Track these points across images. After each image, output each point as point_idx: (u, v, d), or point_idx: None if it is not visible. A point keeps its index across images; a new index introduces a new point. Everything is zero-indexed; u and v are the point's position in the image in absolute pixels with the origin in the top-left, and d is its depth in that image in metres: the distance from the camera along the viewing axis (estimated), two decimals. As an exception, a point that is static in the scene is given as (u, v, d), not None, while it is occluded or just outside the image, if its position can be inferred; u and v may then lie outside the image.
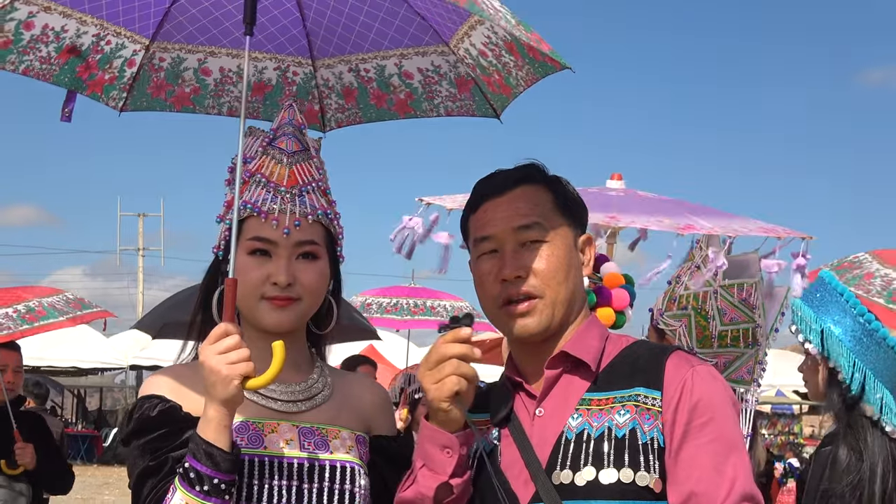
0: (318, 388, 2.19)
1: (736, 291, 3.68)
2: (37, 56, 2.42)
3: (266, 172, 2.14)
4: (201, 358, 1.93)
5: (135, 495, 2.03)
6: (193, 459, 1.90)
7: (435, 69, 2.55)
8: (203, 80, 2.62)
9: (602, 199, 3.60)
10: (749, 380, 3.69)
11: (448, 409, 1.93)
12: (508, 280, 2.02)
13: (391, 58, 2.56)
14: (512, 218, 2.05)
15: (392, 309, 9.85)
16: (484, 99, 2.56)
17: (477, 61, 2.47)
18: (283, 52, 2.60)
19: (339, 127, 2.71)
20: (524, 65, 2.41)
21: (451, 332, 1.94)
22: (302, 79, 2.64)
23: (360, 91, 2.62)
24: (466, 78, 2.54)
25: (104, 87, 2.56)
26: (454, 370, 1.91)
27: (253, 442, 2.05)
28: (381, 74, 2.58)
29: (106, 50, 2.50)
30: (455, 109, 2.61)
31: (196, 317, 2.21)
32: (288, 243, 2.09)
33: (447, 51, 2.50)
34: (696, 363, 2.00)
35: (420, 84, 2.58)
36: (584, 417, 1.98)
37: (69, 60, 2.47)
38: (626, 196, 3.76)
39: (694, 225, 3.25)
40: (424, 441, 2.00)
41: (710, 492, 1.87)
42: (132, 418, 2.08)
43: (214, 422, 1.90)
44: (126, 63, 2.54)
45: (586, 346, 2.04)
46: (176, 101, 2.64)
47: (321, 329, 2.25)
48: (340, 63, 2.60)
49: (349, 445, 2.15)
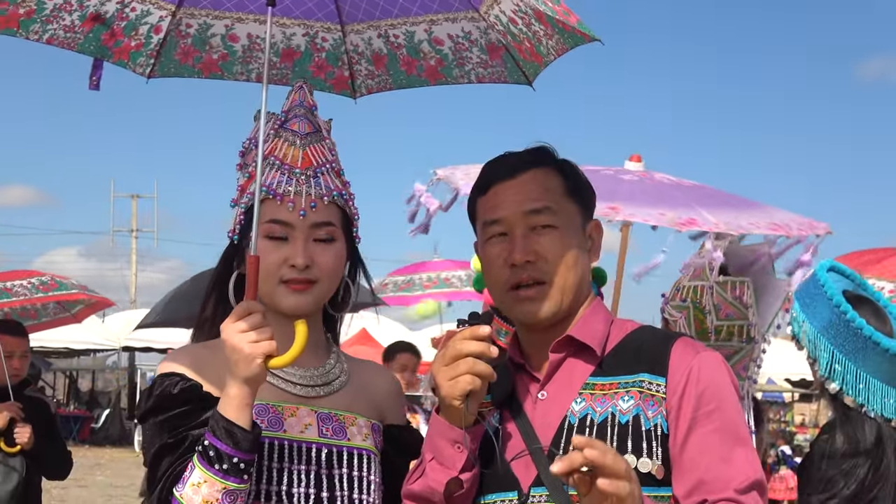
0: (336, 373, 2.18)
1: (729, 288, 3.67)
2: (60, 25, 2.38)
3: (280, 155, 2.12)
4: (223, 336, 1.90)
5: (151, 473, 2.01)
6: (213, 437, 1.88)
7: (465, 35, 2.52)
8: (231, 47, 2.59)
9: (612, 184, 3.47)
10: (745, 376, 3.68)
11: (460, 406, 1.91)
12: (517, 265, 2.00)
13: (421, 24, 2.52)
14: (522, 202, 2.03)
15: (405, 286, 9.65)
16: (516, 66, 2.53)
17: (507, 28, 2.44)
18: (312, 18, 2.56)
19: (370, 93, 2.68)
20: (554, 34, 2.39)
21: (469, 329, 1.92)
22: (331, 45, 2.61)
23: (390, 57, 2.59)
24: (497, 44, 2.51)
25: (131, 53, 2.53)
26: (469, 368, 1.89)
27: (273, 425, 2.03)
28: (410, 40, 2.55)
29: (131, 17, 2.46)
30: (486, 76, 2.58)
31: (209, 300, 2.19)
32: (304, 225, 2.07)
33: (477, 17, 2.47)
34: (701, 350, 1.99)
35: (450, 50, 2.55)
36: (587, 402, 1.97)
37: (94, 28, 2.43)
38: (639, 182, 3.63)
39: (696, 219, 3.15)
40: (435, 435, 1.98)
41: (719, 480, 1.86)
42: (151, 395, 2.06)
43: (236, 400, 1.88)
44: (153, 29, 2.50)
45: (592, 331, 2.03)
46: (204, 67, 2.61)
47: (337, 311, 2.23)
48: (370, 29, 2.57)
49: (365, 433, 2.15)
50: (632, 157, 3.77)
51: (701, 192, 3.55)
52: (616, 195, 3.26)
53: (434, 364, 1.98)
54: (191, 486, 1.88)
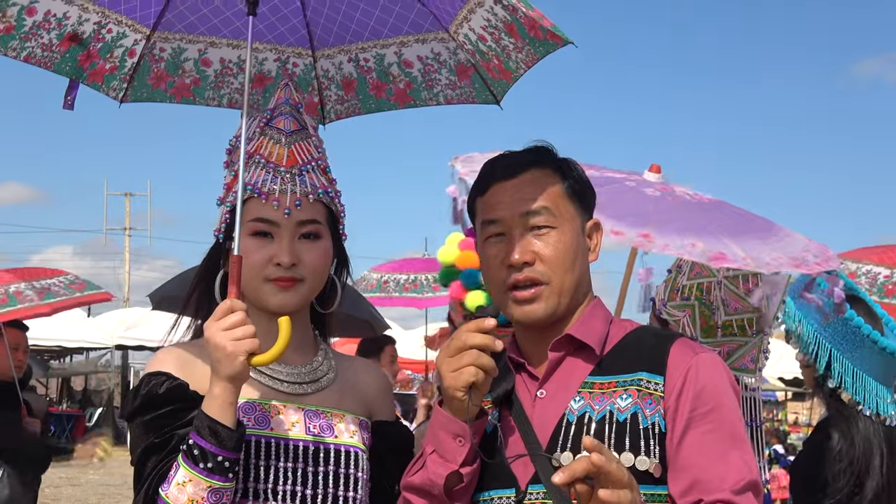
0: (323, 370, 2.19)
1: (741, 282, 3.66)
2: (38, 43, 2.41)
3: (265, 153, 2.13)
4: (206, 334, 1.92)
5: (138, 471, 2.02)
6: (198, 436, 1.89)
7: (435, 57, 2.54)
8: (203, 71, 2.61)
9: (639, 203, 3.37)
10: (753, 368, 3.67)
11: (463, 398, 1.92)
12: (515, 266, 2.01)
13: (391, 46, 2.55)
14: (520, 203, 2.03)
15: (411, 286, 9.05)
16: (484, 85, 2.55)
17: (476, 46, 2.46)
18: (284, 43, 2.59)
19: (339, 119, 2.70)
20: (524, 46, 2.39)
21: (475, 322, 1.93)
22: (302, 70, 2.63)
23: (360, 81, 2.61)
24: (466, 65, 2.53)
25: (104, 76, 2.55)
26: (473, 360, 1.89)
27: (260, 423, 2.05)
28: (380, 64, 2.57)
29: (107, 38, 2.49)
30: (455, 97, 2.60)
31: (191, 297, 2.20)
32: (290, 223, 2.08)
33: (447, 37, 2.49)
34: (699, 350, 2.00)
35: (419, 73, 2.57)
36: (585, 400, 1.98)
37: (70, 49, 2.46)
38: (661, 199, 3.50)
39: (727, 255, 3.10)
40: (437, 428, 1.99)
41: (714, 479, 1.87)
42: (138, 394, 2.07)
43: (220, 399, 1.90)
44: (127, 53, 2.53)
45: (591, 330, 2.04)
46: (176, 92, 2.63)
47: (325, 309, 2.25)
48: (340, 53, 2.59)
49: (353, 430, 2.16)
50: (651, 168, 3.70)
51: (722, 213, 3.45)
52: (648, 220, 3.15)
53: (439, 355, 1.98)
54: (176, 486, 1.90)
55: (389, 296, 9.04)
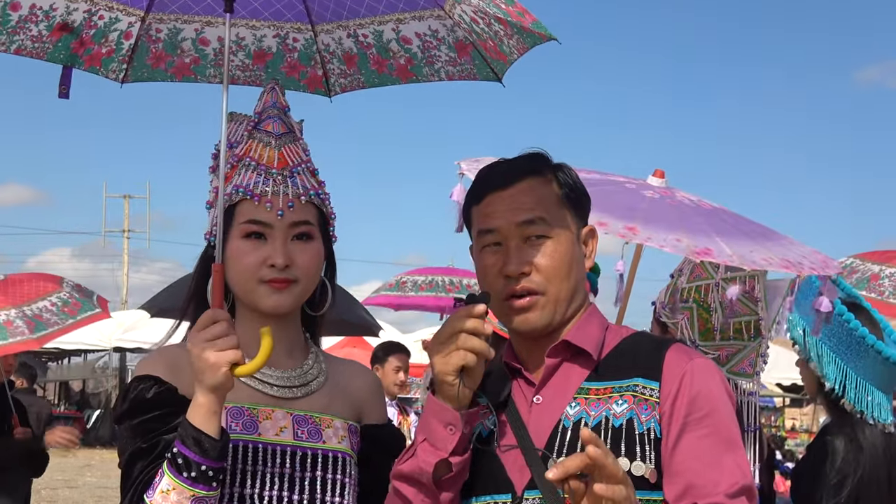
0: (313, 374, 2.18)
1: (738, 284, 3.65)
2: (28, 35, 2.38)
3: (255, 156, 2.13)
4: (189, 345, 1.91)
5: (125, 476, 2.01)
6: (182, 445, 1.88)
7: (433, 33, 2.53)
8: (202, 50, 2.59)
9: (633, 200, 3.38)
10: (751, 373, 3.66)
11: (454, 383, 1.91)
12: (511, 276, 2.01)
13: (388, 23, 2.53)
14: (516, 212, 2.02)
15: (427, 286, 9.07)
16: (484, 63, 2.54)
17: (471, 27, 2.45)
18: (282, 19, 2.57)
19: (344, 92, 2.68)
20: (513, 34, 2.40)
21: (465, 308, 1.92)
22: (303, 45, 2.62)
23: (361, 57, 2.60)
24: (465, 42, 2.52)
25: (102, 60, 2.53)
26: (462, 344, 1.88)
27: (247, 428, 2.04)
28: (379, 39, 2.56)
29: (100, 24, 2.46)
30: (456, 73, 2.58)
31: (189, 303, 2.19)
32: (283, 225, 2.08)
33: (443, 14, 2.48)
34: (694, 356, 2.00)
35: (419, 49, 2.56)
36: (581, 406, 1.97)
37: (62, 38, 2.43)
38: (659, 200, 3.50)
39: (712, 250, 3.06)
40: (429, 415, 1.98)
41: (708, 484, 1.86)
42: (126, 398, 2.06)
43: (203, 408, 1.89)
44: (123, 35, 2.50)
45: (587, 336, 2.04)
46: (176, 71, 2.61)
47: (316, 311, 2.24)
48: (339, 28, 2.57)
49: (342, 435, 2.15)
50: (655, 173, 3.68)
51: (719, 218, 3.38)
52: (635, 214, 3.15)
53: (430, 343, 1.97)
54: (160, 493, 1.88)
55: (406, 294, 9.05)
